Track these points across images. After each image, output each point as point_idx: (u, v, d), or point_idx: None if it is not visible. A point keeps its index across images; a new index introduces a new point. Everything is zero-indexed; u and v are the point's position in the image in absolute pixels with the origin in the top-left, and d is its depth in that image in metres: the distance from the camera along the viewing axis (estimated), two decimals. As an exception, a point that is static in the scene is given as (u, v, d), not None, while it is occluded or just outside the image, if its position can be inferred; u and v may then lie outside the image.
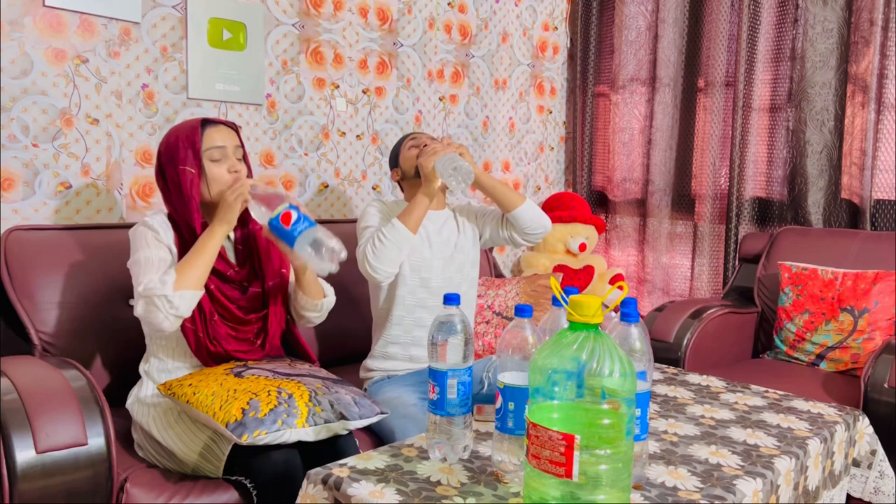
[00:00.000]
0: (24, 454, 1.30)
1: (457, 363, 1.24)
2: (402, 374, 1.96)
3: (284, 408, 1.40)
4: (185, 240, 1.63)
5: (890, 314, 2.30)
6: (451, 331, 1.24)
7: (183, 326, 1.58)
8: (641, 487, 1.18)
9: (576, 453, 0.96)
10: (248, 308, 1.68)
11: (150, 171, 2.19)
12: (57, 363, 1.56)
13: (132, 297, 1.86)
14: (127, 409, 1.66)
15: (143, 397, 1.63)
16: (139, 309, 1.52)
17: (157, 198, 2.21)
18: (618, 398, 0.98)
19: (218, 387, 1.46)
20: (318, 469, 1.22)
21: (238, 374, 1.51)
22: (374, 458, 1.26)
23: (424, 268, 1.95)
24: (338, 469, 1.21)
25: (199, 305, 1.59)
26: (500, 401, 1.20)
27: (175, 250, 1.62)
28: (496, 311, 2.47)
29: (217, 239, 1.58)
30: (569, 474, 0.96)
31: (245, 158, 1.71)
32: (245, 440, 1.35)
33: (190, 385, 1.48)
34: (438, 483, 1.18)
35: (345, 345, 2.32)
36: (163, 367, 1.65)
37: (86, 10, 2.02)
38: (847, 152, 2.71)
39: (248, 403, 1.39)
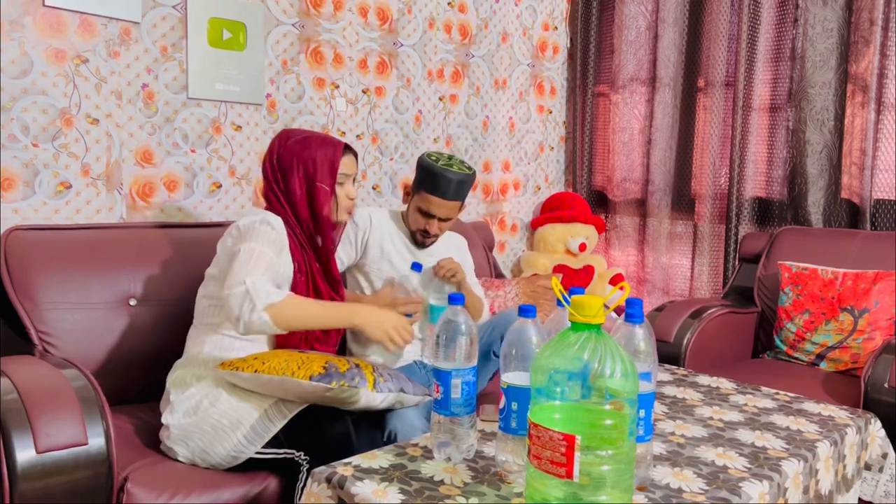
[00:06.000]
0: (25, 454, 1.29)
1: (461, 363, 1.24)
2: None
3: (357, 371, 1.48)
4: (303, 248, 1.69)
5: (890, 314, 2.30)
6: (456, 330, 1.24)
7: None
8: (646, 489, 1.18)
9: (576, 454, 0.95)
10: None
11: (149, 171, 2.19)
12: (57, 363, 1.56)
13: (133, 296, 1.87)
14: (168, 389, 1.63)
15: (187, 377, 1.61)
16: (234, 295, 1.47)
17: (158, 197, 2.20)
18: (620, 399, 0.98)
19: (287, 356, 1.51)
20: (322, 468, 1.22)
21: (301, 352, 1.58)
22: (379, 457, 1.26)
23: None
24: (342, 468, 1.21)
25: None
26: (503, 401, 1.19)
27: (290, 258, 1.65)
28: (496, 311, 2.46)
29: (345, 321, 1.60)
30: (569, 475, 0.96)
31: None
32: (333, 385, 1.42)
33: (255, 359, 1.52)
34: (442, 483, 1.17)
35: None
36: (226, 345, 1.64)
37: (86, 10, 2.01)
38: (847, 152, 2.71)
39: (325, 365, 1.47)
